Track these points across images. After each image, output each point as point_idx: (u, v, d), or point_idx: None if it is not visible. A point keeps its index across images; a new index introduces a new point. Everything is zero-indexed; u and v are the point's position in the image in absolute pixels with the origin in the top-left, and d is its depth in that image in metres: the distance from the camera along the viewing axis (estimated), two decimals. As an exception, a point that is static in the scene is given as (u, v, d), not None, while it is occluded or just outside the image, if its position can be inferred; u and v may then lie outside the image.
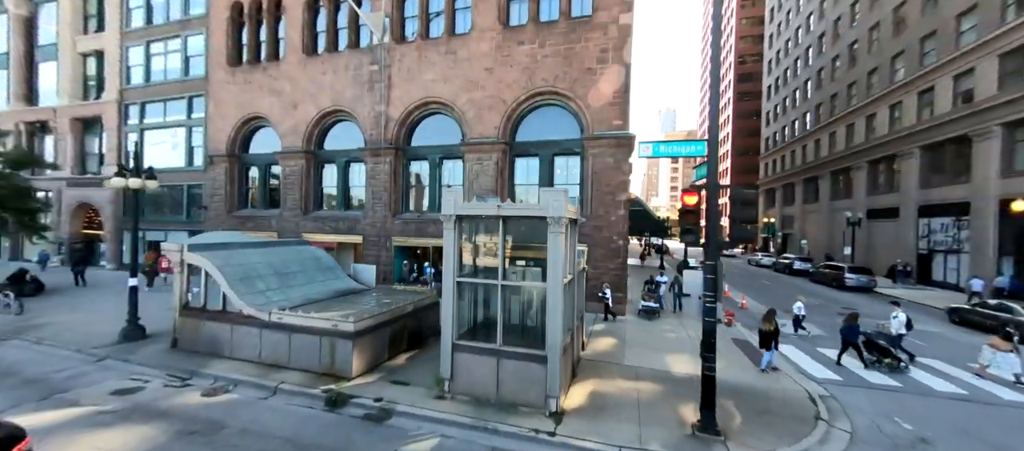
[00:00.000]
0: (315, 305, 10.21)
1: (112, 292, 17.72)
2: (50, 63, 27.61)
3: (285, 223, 20.27)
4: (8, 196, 16.14)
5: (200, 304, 10.16)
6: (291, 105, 20.18)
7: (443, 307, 7.79)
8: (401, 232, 18.17)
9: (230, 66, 21.59)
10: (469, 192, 16.95)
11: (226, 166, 21.61)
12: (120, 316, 13.29)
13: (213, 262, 9.92)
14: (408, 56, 18.02)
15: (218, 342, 9.79)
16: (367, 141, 18.74)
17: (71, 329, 12.01)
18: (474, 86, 16.91)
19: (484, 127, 16.76)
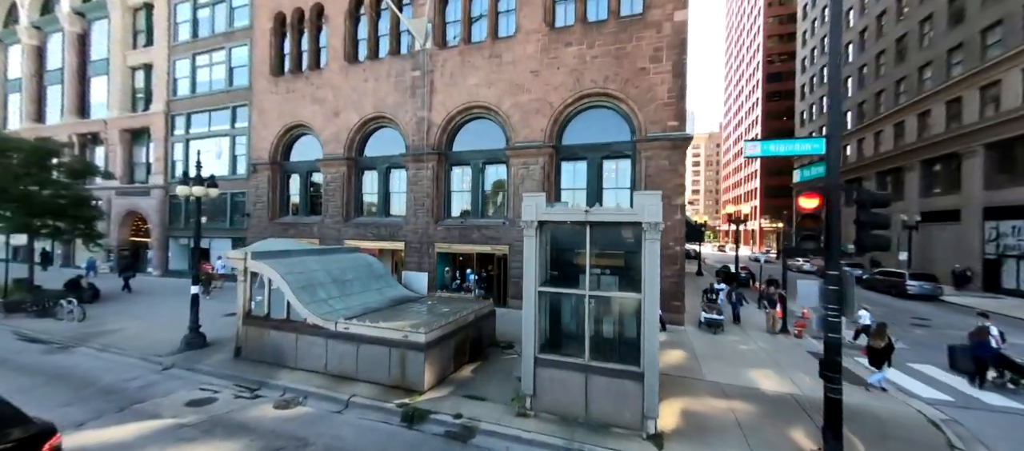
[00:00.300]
0: (376, 314, 9.98)
1: (162, 298, 18.06)
2: (101, 77, 28.80)
3: (327, 230, 20.36)
4: (69, 205, 16.65)
5: (263, 313, 10.05)
6: (333, 112, 20.33)
7: (524, 319, 7.38)
8: (444, 238, 17.94)
9: (273, 76, 21.96)
10: (514, 198, 16.62)
11: (269, 174, 21.92)
12: (177, 323, 13.46)
13: (277, 270, 9.80)
14: (450, 61, 17.88)
15: (283, 352, 9.64)
16: (409, 147, 18.66)
17: (133, 336, 12.14)
18: (519, 89, 16.61)
19: (530, 131, 16.42)
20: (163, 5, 25.45)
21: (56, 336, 12.19)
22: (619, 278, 7.90)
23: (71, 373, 9.37)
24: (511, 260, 16.63)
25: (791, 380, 9.17)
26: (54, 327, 13.15)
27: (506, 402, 7.83)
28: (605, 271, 8.37)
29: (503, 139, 17.42)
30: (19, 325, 13.36)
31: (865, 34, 38.46)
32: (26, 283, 16.39)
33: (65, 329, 12.91)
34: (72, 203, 16.72)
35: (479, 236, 17.26)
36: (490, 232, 17.09)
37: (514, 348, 11.34)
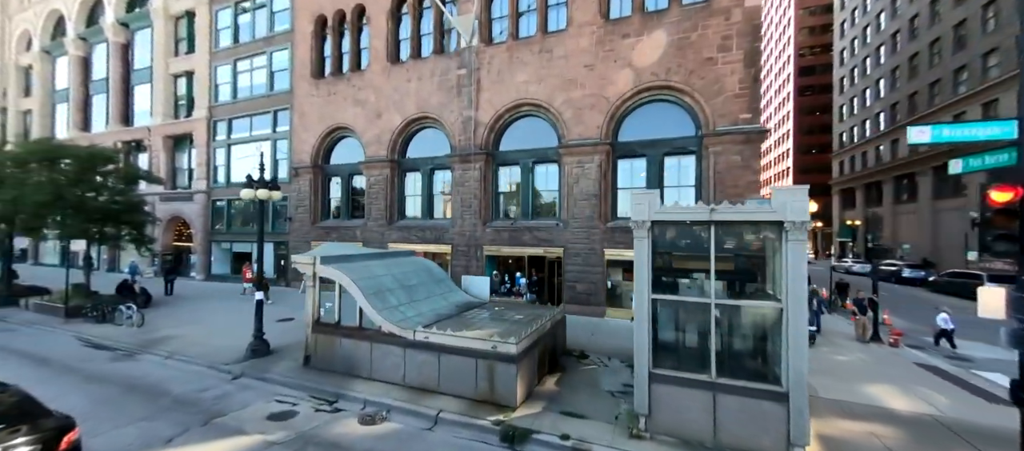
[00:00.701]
0: (448, 322, 9.43)
1: (208, 302, 18.02)
2: (143, 86, 29.42)
3: (370, 233, 20.07)
4: (123, 210, 16.77)
5: (333, 320, 9.63)
6: (375, 114, 20.05)
7: (637, 331, 6.67)
8: (492, 241, 17.38)
9: (314, 78, 21.87)
10: (567, 198, 15.94)
11: (310, 177, 21.81)
12: (234, 329, 13.27)
13: (348, 276, 9.36)
14: (498, 58, 17.34)
15: (355, 361, 9.18)
16: (454, 147, 18.18)
17: (194, 343, 11.92)
18: (572, 85, 15.93)
19: (584, 128, 15.71)
20: (205, 12, 25.78)
21: (119, 342, 12.09)
22: (733, 283, 7.12)
23: (143, 383, 9.12)
24: (566, 263, 15.93)
25: (921, 398, 8.20)
26: (114, 333, 13.08)
27: (609, 420, 7.14)
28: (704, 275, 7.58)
29: (554, 137, 16.76)
30: (81, 330, 13.36)
31: (916, 21, 36.37)
32: (83, 288, 16.54)
33: (125, 335, 12.82)
34: (126, 208, 16.84)
35: (531, 238, 16.63)
36: (542, 234, 16.43)
37: (589, 358, 10.63)
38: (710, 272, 6.40)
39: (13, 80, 37.69)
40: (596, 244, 15.43)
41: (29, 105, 36.58)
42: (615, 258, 15.27)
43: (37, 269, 29.21)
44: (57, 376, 9.39)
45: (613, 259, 15.29)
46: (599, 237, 15.40)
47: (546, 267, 16.90)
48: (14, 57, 37.53)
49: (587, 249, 15.57)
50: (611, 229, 15.29)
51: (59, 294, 16.03)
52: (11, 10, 38.04)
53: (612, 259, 15.29)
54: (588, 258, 15.55)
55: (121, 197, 16.72)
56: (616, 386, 8.81)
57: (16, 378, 8.97)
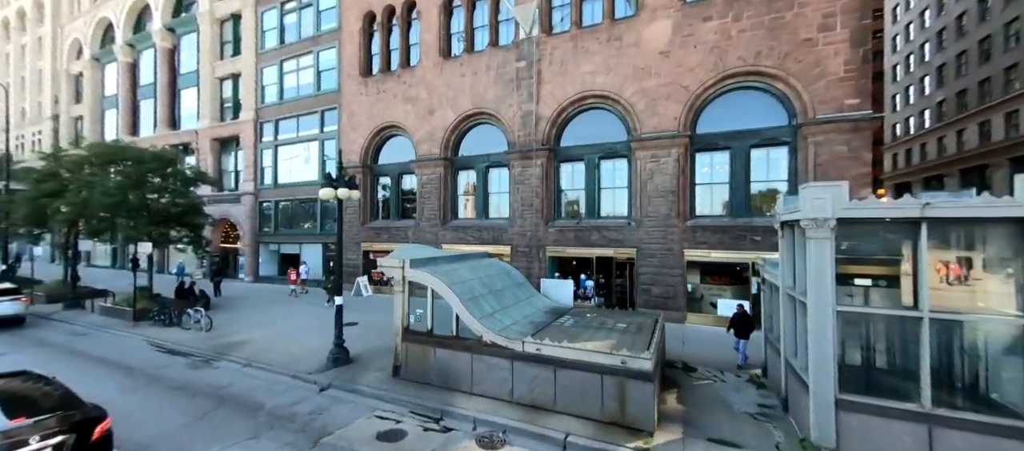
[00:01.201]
0: (546, 331, 8.61)
1: (261, 304, 17.74)
2: (189, 90, 29.79)
3: (422, 234, 19.50)
4: (185, 212, 16.68)
5: (425, 328, 8.94)
6: (427, 111, 19.46)
7: (816, 348, 5.67)
8: (556, 241, 16.51)
9: (362, 77, 21.46)
10: (641, 194, 14.91)
11: (359, 177, 21.38)
12: (303, 333, 12.86)
13: (442, 280, 8.65)
14: (560, 48, 16.44)
15: (453, 373, 8.46)
16: (513, 143, 17.39)
17: (268, 349, 11.48)
18: (645, 74, 14.89)
19: (659, 120, 14.66)
20: (250, 14, 25.80)
21: (192, 347, 11.77)
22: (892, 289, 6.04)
23: (230, 394, 8.64)
24: (639, 264, 14.91)
25: None
26: (184, 337, 12.82)
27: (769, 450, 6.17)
28: (877, 281, 6.52)
29: (622, 130, 15.77)
30: (150, 335, 13.16)
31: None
32: (146, 291, 16.49)
33: (195, 340, 12.53)
34: (188, 210, 16.74)
35: (599, 238, 15.68)
36: (612, 233, 15.46)
37: (697, 371, 9.63)
38: (920, 278, 5.33)
39: (65, 88, 39.06)
40: (674, 244, 14.37)
41: (80, 112, 37.80)
42: (696, 259, 14.17)
43: (90, 271, 29.93)
44: (144, 386, 9.01)
45: (693, 260, 14.20)
46: (677, 236, 14.33)
47: (614, 269, 15.91)
48: (66, 65, 38.87)
49: (663, 250, 14.52)
50: (691, 228, 14.19)
51: (124, 297, 16.02)
52: (63, 20, 39.42)
53: (692, 260, 14.20)
54: (665, 259, 14.49)
55: (182, 199, 16.62)
56: (750, 406, 7.81)
57: (105, 389, 8.67)
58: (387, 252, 20.78)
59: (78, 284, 20.05)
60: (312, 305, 17.76)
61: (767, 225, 12.99)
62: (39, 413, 5.04)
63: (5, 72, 46.03)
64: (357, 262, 21.36)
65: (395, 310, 9.24)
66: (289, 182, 24.29)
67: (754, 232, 13.25)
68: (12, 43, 45.72)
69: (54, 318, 15.85)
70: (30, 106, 43.11)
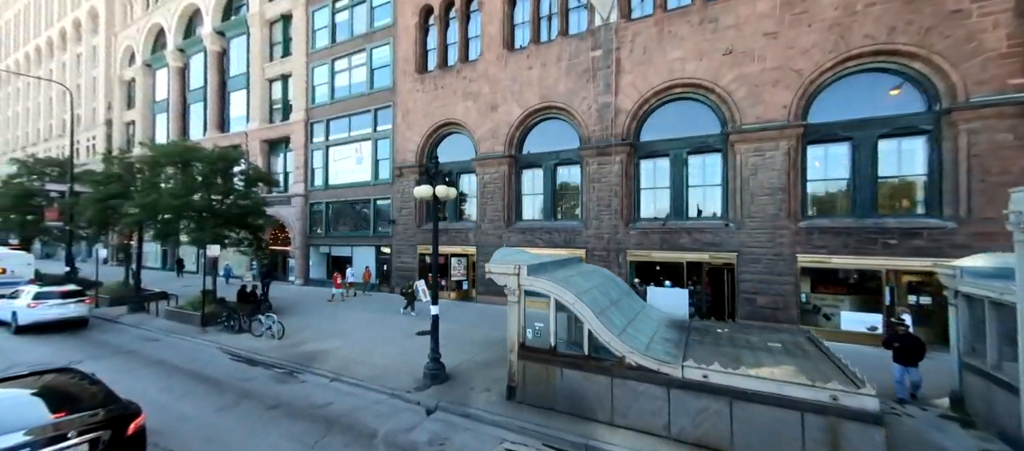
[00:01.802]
0: (689, 350, 7.31)
1: (321, 309, 17.00)
2: (238, 92, 29.86)
3: (485, 236, 18.47)
4: (249, 213, 16.18)
5: (546, 345, 7.77)
6: (489, 107, 18.45)
7: None
8: (639, 244, 15.14)
9: (418, 73, 20.67)
10: (742, 192, 13.38)
11: (415, 177, 20.57)
12: (382, 342, 12.01)
13: (570, 290, 7.47)
14: (643, 34, 15.11)
15: (586, 399, 7.24)
16: (588, 139, 16.15)
17: (353, 361, 10.57)
18: (746, 58, 13.39)
19: (764, 108, 13.12)
20: (301, 14, 25.53)
21: (268, 357, 11.00)
22: None
23: (333, 415, 7.69)
24: (740, 270, 13.38)
25: None
26: (256, 345, 12.10)
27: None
28: None
29: (715, 122, 14.31)
30: (221, 341, 12.53)
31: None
32: (210, 295, 16.01)
33: (269, 348, 11.77)
34: (252, 211, 16.24)
35: (690, 241, 14.23)
36: (706, 236, 13.99)
37: (864, 398, 8.07)
38: None
39: (117, 94, 40.20)
40: (783, 248, 12.78)
41: (132, 117, 38.80)
42: (810, 265, 12.54)
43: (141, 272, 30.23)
44: (236, 403, 8.17)
45: (808, 266, 12.57)
46: (788, 239, 12.74)
47: (704, 275, 14.41)
48: (119, 72, 40.02)
49: (771, 254, 12.95)
50: (805, 230, 12.58)
51: (188, 300, 15.58)
52: (116, 28, 40.65)
53: (807, 266, 12.58)
54: (772, 265, 12.91)
55: (246, 200, 16.13)
56: (968, 449, 6.28)
57: (198, 406, 7.86)
58: (444, 255, 19.94)
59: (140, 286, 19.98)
60: (376, 312, 16.95)
61: (906, 227, 11.30)
62: (79, 409, 5.22)
63: (62, 80, 48.00)
64: (413, 265, 20.52)
65: (509, 323, 8.11)
66: (341, 183, 23.75)
67: (887, 234, 11.55)
68: (68, 52, 47.61)
69: (121, 321, 15.55)
70: (85, 112, 44.66)
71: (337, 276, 20.63)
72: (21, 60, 54.21)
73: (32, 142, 50.52)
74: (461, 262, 19.85)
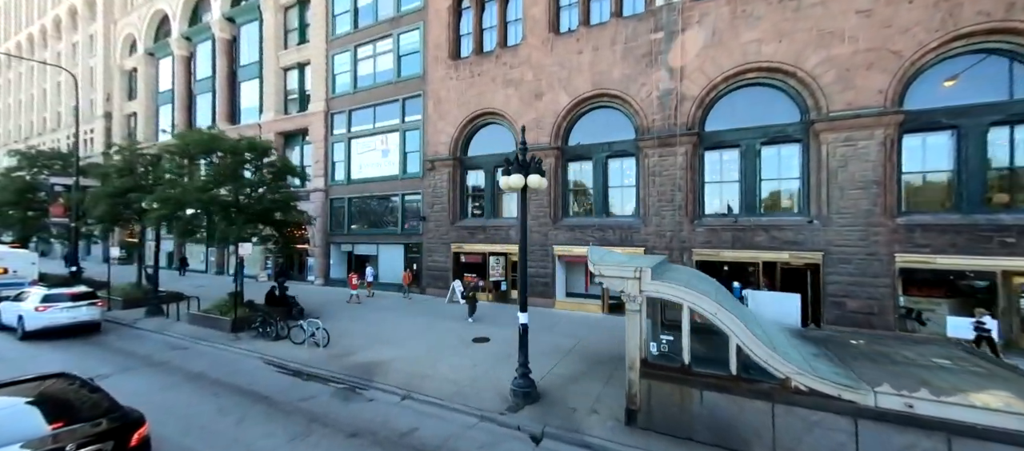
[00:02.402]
0: (843, 367, 6.17)
1: (348, 311, 15.71)
2: (249, 82, 28.37)
3: (528, 233, 17.19)
4: (278, 207, 14.88)
5: (677, 362, 6.58)
6: (533, 95, 17.19)
7: None
8: (706, 242, 13.99)
9: (451, 60, 19.36)
10: (828, 185, 12.25)
11: (449, 170, 19.32)
12: (442, 350, 10.78)
13: (709, 298, 6.28)
14: (712, 14, 13.90)
15: (734, 429, 6.09)
16: (644, 129, 14.96)
17: (417, 374, 9.35)
18: (834, 39, 12.24)
19: (855, 94, 11.98)
20: (320, -2, 24.06)
21: (320, 368, 9.76)
22: None
23: (423, 446, 6.48)
24: (827, 272, 12.27)
25: None
26: (300, 354, 10.84)
27: None
28: None
29: (791, 110, 13.20)
30: (260, 350, 11.25)
31: None
32: (238, 298, 14.69)
33: (315, 358, 10.51)
34: (282, 206, 14.94)
35: (767, 239, 13.10)
36: (786, 233, 12.87)
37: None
38: None
39: (117, 84, 38.46)
40: (879, 247, 11.68)
41: (133, 108, 37.11)
42: (910, 265, 11.45)
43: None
44: (309, 430, 6.91)
45: (908, 266, 11.48)
46: (884, 238, 11.64)
47: (780, 275, 13.29)
48: (118, 61, 38.25)
49: (863, 254, 11.84)
50: (905, 227, 11.48)
51: (215, 303, 14.26)
52: (115, 15, 38.83)
53: (906, 266, 11.48)
54: (865, 266, 11.81)
55: (277, 195, 14.83)
56: None
57: (266, 436, 6.56)
58: (482, 254, 18.73)
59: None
60: (417, 314, 15.70)
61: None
62: (79, 418, 4.86)
63: (57, 71, 46.04)
64: (446, 265, 19.27)
65: (628, 336, 6.90)
66: (365, 177, 22.40)
67: (1004, 232, 10.46)
68: (64, 41, 45.66)
69: (139, 327, 14.20)
70: (82, 104, 42.75)
71: (352, 275, 19.31)
72: (12, 50, 52.03)
73: (25, 137, 48.46)
74: (499, 261, 18.65)
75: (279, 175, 15.62)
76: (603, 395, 8.03)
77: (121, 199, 16.06)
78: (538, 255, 16.99)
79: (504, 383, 8.53)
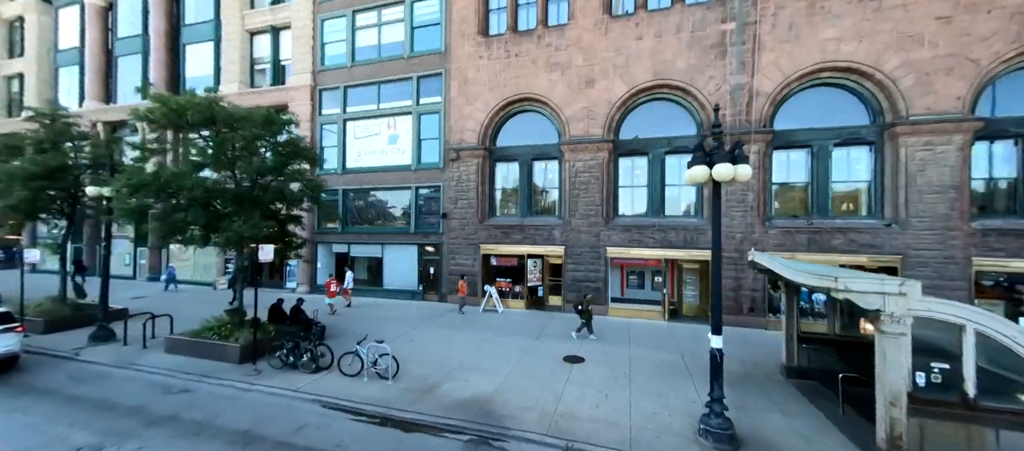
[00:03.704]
0: None
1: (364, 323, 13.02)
2: (199, 45, 23.29)
3: (576, 234, 15.67)
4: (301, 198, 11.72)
5: (955, 395, 5.49)
6: (583, 82, 15.62)
7: None
8: (779, 245, 13.52)
9: (482, 36, 17.08)
10: (907, 189, 12.30)
11: (478, 161, 17.05)
12: (548, 376, 8.67)
13: (997, 318, 5.26)
14: (789, 8, 13.42)
15: (1046, 472, 5.11)
16: (707, 124, 14.14)
17: (553, 413, 7.37)
18: (914, 43, 12.29)
19: (934, 99, 12.12)
20: (306, -50, 20.18)
21: (411, 411, 7.36)
22: None
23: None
24: (905, 276, 12.28)
25: None
26: (365, 391, 8.24)
27: None
28: None
29: (862, 112, 13.17)
30: (304, 387, 8.40)
31: None
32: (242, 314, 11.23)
33: (390, 396, 8.03)
34: (313, 197, 11.81)
35: (844, 243, 12.91)
36: (864, 237, 12.75)
37: None
38: None
39: (-5, 37, 29.84)
40: (956, 251, 11.92)
41: (18, 68, 29.02)
42: (989, 268, 11.80)
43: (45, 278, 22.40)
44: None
45: (986, 269, 11.82)
46: (961, 242, 11.90)
47: (848, 278, 13.18)
48: (-4, 6, 29.66)
49: (941, 257, 12.03)
50: (980, 231, 11.80)
51: (211, 324, 10.73)
52: (-8, -53, 30.04)
53: (985, 269, 11.82)
54: (942, 270, 12.00)
55: (301, 182, 11.63)
56: None
57: None
58: (518, 256, 16.65)
59: (85, 301, 14.10)
60: (468, 329, 13.36)
61: (1098, 229, 10.87)
62: None
63: None
64: (473, 269, 16.99)
65: (889, 363, 5.68)
66: (365, 167, 19.15)
67: (1073, 237, 11.09)
68: (-96, -25, 34.53)
69: (87, 359, 10.24)
70: (-64, 59, 32.76)
71: (331, 281, 16.34)
72: None
73: None
74: (536, 264, 16.84)
75: (286, 157, 12.27)
76: (809, 431, 6.76)
77: (47, 182, 11.64)
78: (588, 257, 15.50)
79: (667, 419, 7.06)
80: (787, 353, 9.31)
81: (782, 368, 9.42)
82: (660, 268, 15.30)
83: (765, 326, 13.41)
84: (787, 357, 9.31)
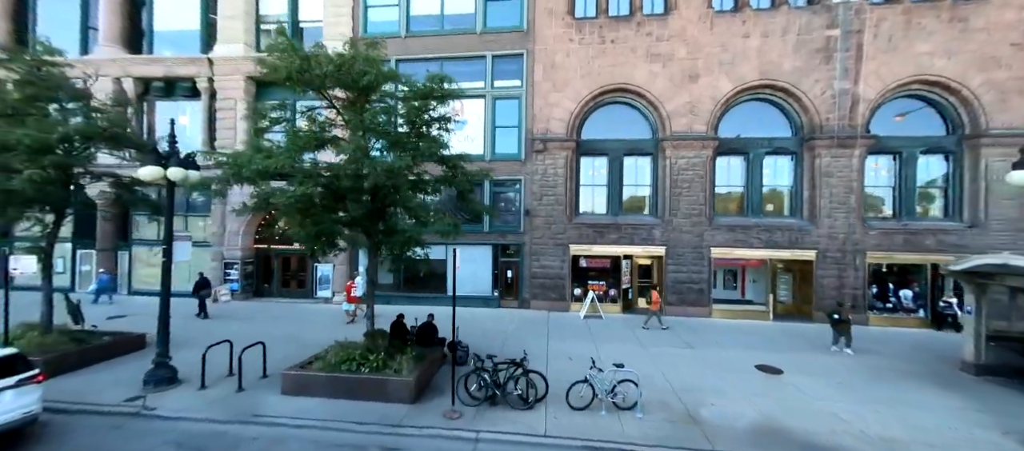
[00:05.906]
0: None
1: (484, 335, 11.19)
2: (176, -9, 18.40)
3: (677, 234, 15.08)
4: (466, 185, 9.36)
5: None
6: (686, 75, 15.08)
7: None
8: (878, 245, 14.28)
9: (573, 17, 15.68)
10: (986, 195, 13.75)
11: (567, 155, 15.65)
12: (819, 400, 7.89)
13: None
14: (888, 21, 14.21)
15: None
16: (813, 126, 14.55)
17: (845, 433, 6.56)
18: (994, 64, 13.73)
19: (1011, 116, 13.67)
20: None
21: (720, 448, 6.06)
22: None
23: None
24: (987, 271, 13.69)
25: None
26: (612, 428, 6.66)
27: None
28: None
29: (940, 123, 14.50)
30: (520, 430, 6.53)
31: None
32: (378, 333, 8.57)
33: (650, 433, 6.58)
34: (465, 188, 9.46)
35: (935, 243, 14.00)
36: (951, 238, 13.95)
37: None
38: None
39: None
40: (1026, 249, 13.54)
41: None
42: (1048, 265, 13.56)
43: None
44: None
45: (1048, 266, 13.57)
46: (1032, 242, 13.54)
47: (929, 279, 14.41)
48: None
49: (1015, 255, 13.57)
50: (1045, 232, 13.56)
51: (340, 352, 8.02)
52: None
53: (1048, 266, 13.56)
54: (1015, 265, 13.56)
55: (460, 174, 9.24)
56: None
57: None
58: (612, 257, 15.43)
59: (83, 327, 10.11)
60: (618, 340, 11.91)
61: None
62: None
63: None
64: (562, 272, 15.55)
65: None
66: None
67: (1115, 238, 13.21)
68: None
69: (169, 415, 7.01)
70: None
71: (350, 285, 14.08)
72: None
73: None
74: (627, 264, 15.95)
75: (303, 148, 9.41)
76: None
77: (55, 155, 7.84)
78: (690, 258, 15.00)
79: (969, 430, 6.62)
80: (975, 351, 9.61)
81: (967, 366, 9.71)
82: (760, 268, 15.36)
83: (866, 322, 14.06)
84: (974, 355, 9.61)
